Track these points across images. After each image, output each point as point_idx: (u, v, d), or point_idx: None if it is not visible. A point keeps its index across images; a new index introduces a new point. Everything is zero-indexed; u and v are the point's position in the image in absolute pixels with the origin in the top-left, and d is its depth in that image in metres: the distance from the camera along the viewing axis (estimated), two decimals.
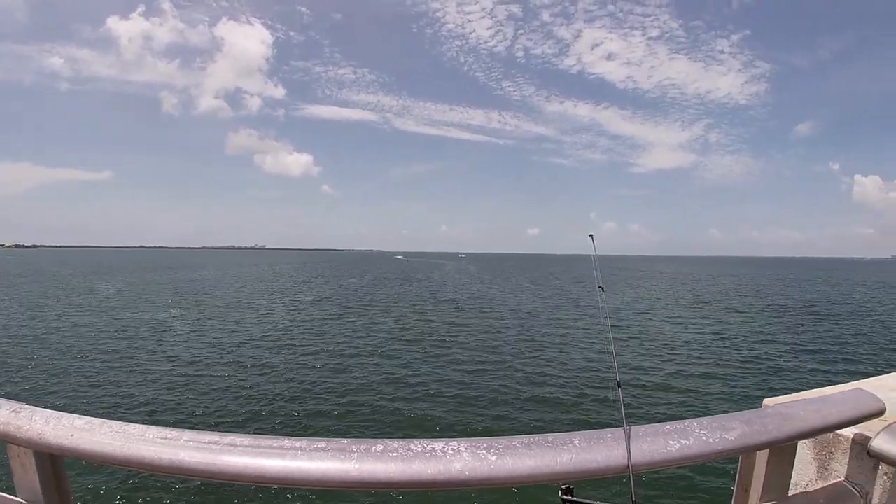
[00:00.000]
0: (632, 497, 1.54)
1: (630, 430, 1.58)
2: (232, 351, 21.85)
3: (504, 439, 1.54)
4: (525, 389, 16.21)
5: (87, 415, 1.72)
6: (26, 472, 1.78)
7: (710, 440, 1.60)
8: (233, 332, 26.76)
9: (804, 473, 2.45)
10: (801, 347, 23.57)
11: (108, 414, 13.24)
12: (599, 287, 2.04)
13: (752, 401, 15.12)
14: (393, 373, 18.21)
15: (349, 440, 1.50)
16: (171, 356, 20.50)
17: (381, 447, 1.48)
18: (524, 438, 1.55)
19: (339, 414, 13.97)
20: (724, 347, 23.53)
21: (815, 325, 30.63)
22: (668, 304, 43.53)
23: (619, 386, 1.79)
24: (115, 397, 15.28)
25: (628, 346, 23.38)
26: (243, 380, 17.26)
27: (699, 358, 21.09)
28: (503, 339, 25.04)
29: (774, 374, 18.76)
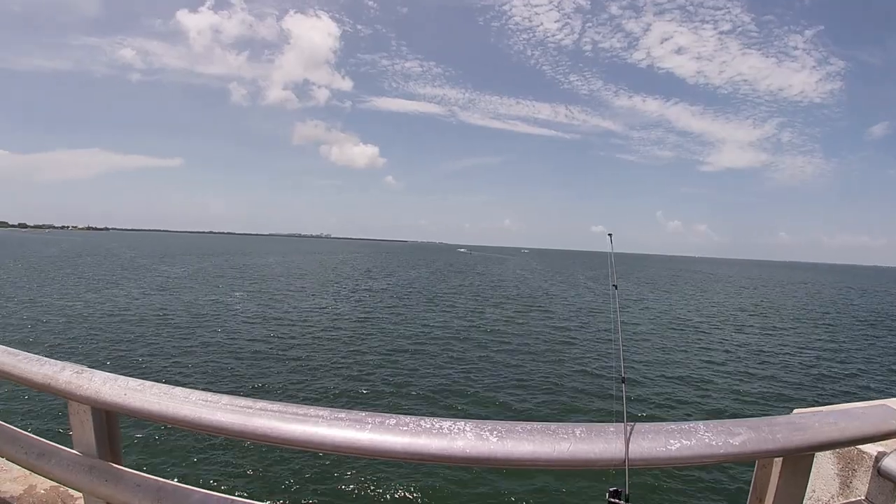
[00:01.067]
0: (625, 491, 1.59)
1: (633, 426, 1.66)
2: (290, 334, 22.72)
3: (508, 423, 1.67)
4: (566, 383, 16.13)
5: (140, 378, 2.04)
6: (83, 427, 2.13)
7: (714, 443, 1.63)
8: (293, 316, 27.76)
9: (826, 489, 2.45)
10: (847, 360, 22.33)
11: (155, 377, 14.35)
12: (613, 285, 2.14)
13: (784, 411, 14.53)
14: (454, 368, 18.41)
15: (366, 413, 1.72)
16: (228, 336, 21.59)
17: (394, 421, 1.67)
18: (528, 424, 1.67)
19: (384, 395, 14.57)
20: (761, 355, 22.47)
21: (873, 338, 28.83)
22: (728, 310, 41.90)
23: (623, 381, 1.87)
24: (172, 370, 16.36)
25: (670, 348, 22.80)
26: (299, 359, 18.08)
27: (732, 364, 20.45)
28: (559, 336, 24.82)
29: (815, 384, 18.06)
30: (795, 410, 2.64)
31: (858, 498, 2.20)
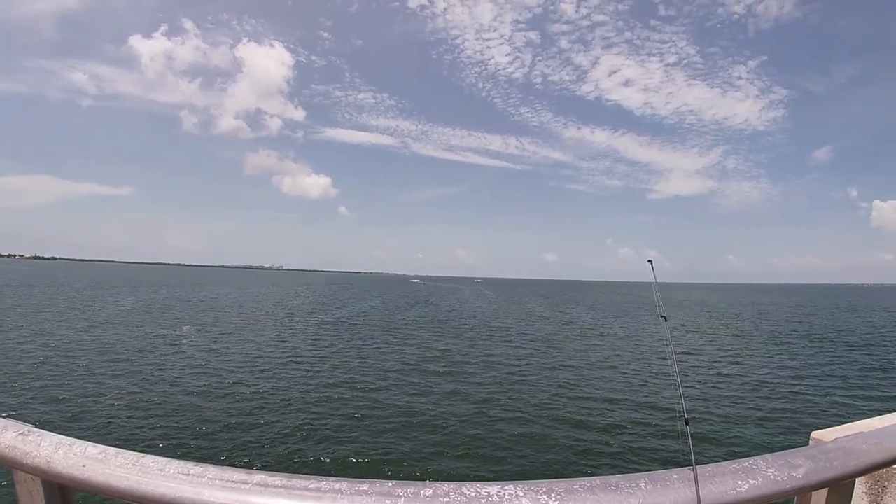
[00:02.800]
0: None
1: (696, 469, 1.45)
2: (246, 374, 21.75)
3: (564, 482, 1.40)
4: (548, 424, 15.94)
5: (98, 438, 1.59)
6: (33, 501, 1.64)
7: (778, 479, 1.50)
8: (248, 354, 26.67)
9: None
10: (836, 376, 23.03)
11: (113, 437, 13.11)
12: (662, 316, 1.86)
13: (794, 432, 14.80)
14: (420, 402, 17.89)
15: (393, 483, 1.35)
16: (181, 378, 20.32)
17: (430, 491, 1.32)
18: (585, 481, 1.41)
19: (361, 444, 13.55)
20: (754, 376, 22.91)
21: (845, 354, 29.86)
22: (688, 333, 42.95)
23: (686, 422, 1.63)
24: (123, 415, 15.05)
25: (656, 375, 23.04)
26: (260, 404, 17.07)
27: (734, 388, 20.64)
28: (526, 368, 24.74)
29: (813, 404, 18.27)
30: (814, 434, 2.52)
31: None
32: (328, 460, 12.39)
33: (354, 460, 12.39)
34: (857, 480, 2.31)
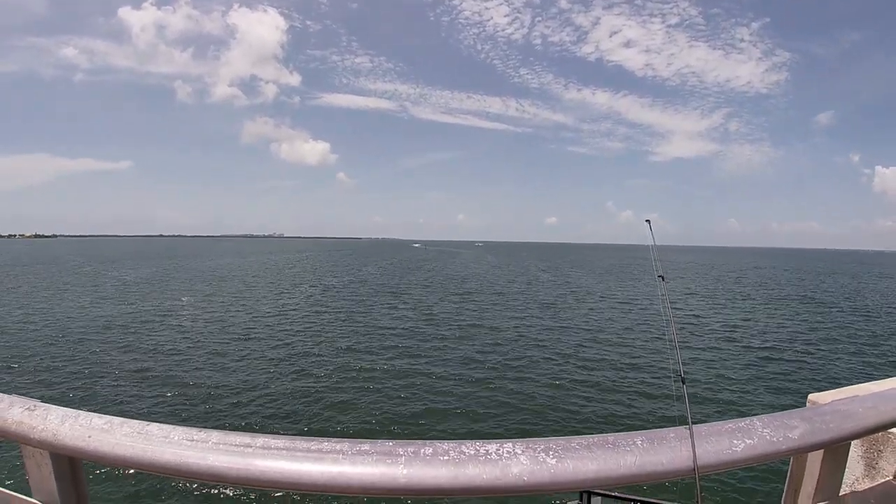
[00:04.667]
0: (697, 501, 1.43)
1: (692, 428, 1.48)
2: (251, 340, 21.96)
3: (562, 440, 1.43)
4: (546, 383, 16.14)
5: (103, 412, 1.61)
6: (42, 474, 1.68)
7: (774, 439, 1.53)
8: (249, 322, 26.87)
9: (850, 472, 2.41)
10: (835, 341, 23.08)
11: (119, 408, 13.20)
12: (659, 276, 1.87)
13: (791, 394, 14.92)
14: (421, 364, 18.09)
15: (394, 442, 1.38)
16: (183, 348, 20.47)
17: (430, 450, 1.35)
18: (582, 439, 1.44)
19: (363, 406, 13.69)
20: (753, 339, 23.21)
21: (845, 319, 30.00)
22: (688, 295, 43.15)
23: (683, 382, 1.65)
24: (128, 388, 15.11)
25: (645, 337, 23.24)
26: (262, 370, 17.26)
27: (732, 350, 20.85)
28: (525, 330, 24.94)
29: (810, 367, 18.37)
30: (811, 396, 2.55)
31: (886, 479, 2.21)
32: (332, 423, 12.60)
33: (357, 422, 12.60)
34: (853, 444, 2.34)
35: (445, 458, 1.32)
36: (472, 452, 1.34)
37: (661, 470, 1.41)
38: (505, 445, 1.37)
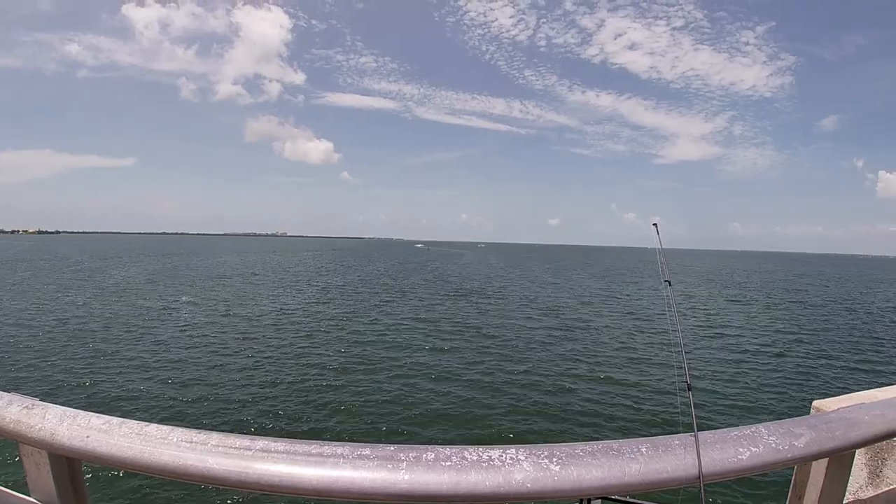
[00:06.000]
0: None
1: (696, 435, 1.46)
2: (253, 339, 22.05)
3: (565, 446, 1.40)
4: (549, 388, 16.19)
5: (102, 410, 1.59)
6: (40, 473, 1.67)
7: (780, 447, 1.50)
8: (254, 319, 26.97)
9: (853, 479, 2.39)
10: (840, 346, 23.03)
11: (119, 405, 13.24)
12: (666, 281, 1.85)
13: (797, 402, 14.85)
14: (425, 367, 18.12)
15: (396, 447, 1.36)
16: (185, 346, 20.55)
17: (432, 455, 1.33)
18: (587, 445, 1.41)
19: (363, 408, 13.68)
20: (758, 344, 23.14)
21: (849, 325, 29.96)
22: (693, 299, 43.07)
23: (689, 389, 1.63)
24: (128, 385, 15.15)
25: (652, 343, 23.19)
26: (264, 370, 17.33)
27: (737, 355, 20.81)
28: (528, 334, 25.01)
29: (815, 373, 18.31)
30: (815, 402, 2.53)
31: (891, 487, 2.19)
32: (333, 423, 12.66)
33: (358, 423, 12.64)
34: (857, 452, 2.35)
35: (448, 463, 1.30)
36: (475, 458, 1.32)
37: (666, 478, 1.39)
38: (508, 451, 1.35)
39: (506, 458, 1.33)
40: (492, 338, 23.00)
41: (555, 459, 1.34)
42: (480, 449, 1.36)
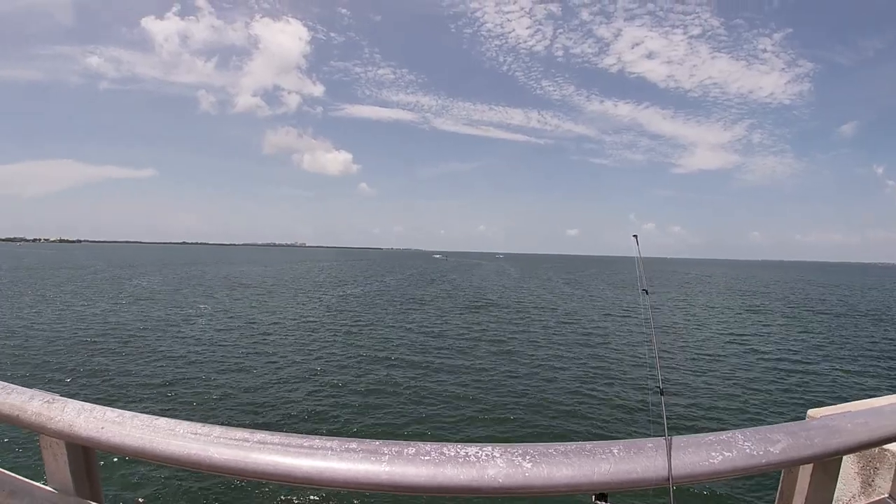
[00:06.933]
0: None
1: (671, 439, 1.53)
2: (269, 346, 22.30)
3: (540, 446, 1.50)
4: (561, 393, 16.08)
5: (117, 408, 1.77)
6: (58, 463, 1.85)
7: (755, 453, 1.55)
8: (273, 327, 27.26)
9: (846, 489, 2.41)
10: (848, 356, 22.54)
11: (133, 406, 13.55)
12: (643, 290, 1.94)
13: (796, 410, 14.63)
14: (430, 374, 18.23)
15: (380, 442, 1.49)
16: (205, 351, 20.91)
17: (413, 450, 1.46)
18: (561, 446, 1.51)
19: (370, 414, 13.91)
20: (767, 355, 22.67)
21: (864, 333, 29.31)
22: (713, 308, 42.53)
23: (661, 393, 1.72)
24: (144, 388, 15.60)
25: (670, 351, 22.96)
26: (279, 374, 17.54)
27: (741, 365, 20.50)
28: (541, 342, 24.83)
29: (821, 382, 17.99)
30: (810, 411, 2.56)
31: (882, 496, 2.18)
32: (336, 424, 13.01)
33: (359, 425, 12.96)
34: (849, 461, 2.36)
35: (427, 458, 1.43)
36: (453, 454, 1.44)
37: (636, 478, 1.46)
38: (484, 449, 1.46)
39: (482, 454, 1.44)
40: (502, 347, 22.92)
41: (528, 458, 1.44)
42: (459, 446, 1.48)
